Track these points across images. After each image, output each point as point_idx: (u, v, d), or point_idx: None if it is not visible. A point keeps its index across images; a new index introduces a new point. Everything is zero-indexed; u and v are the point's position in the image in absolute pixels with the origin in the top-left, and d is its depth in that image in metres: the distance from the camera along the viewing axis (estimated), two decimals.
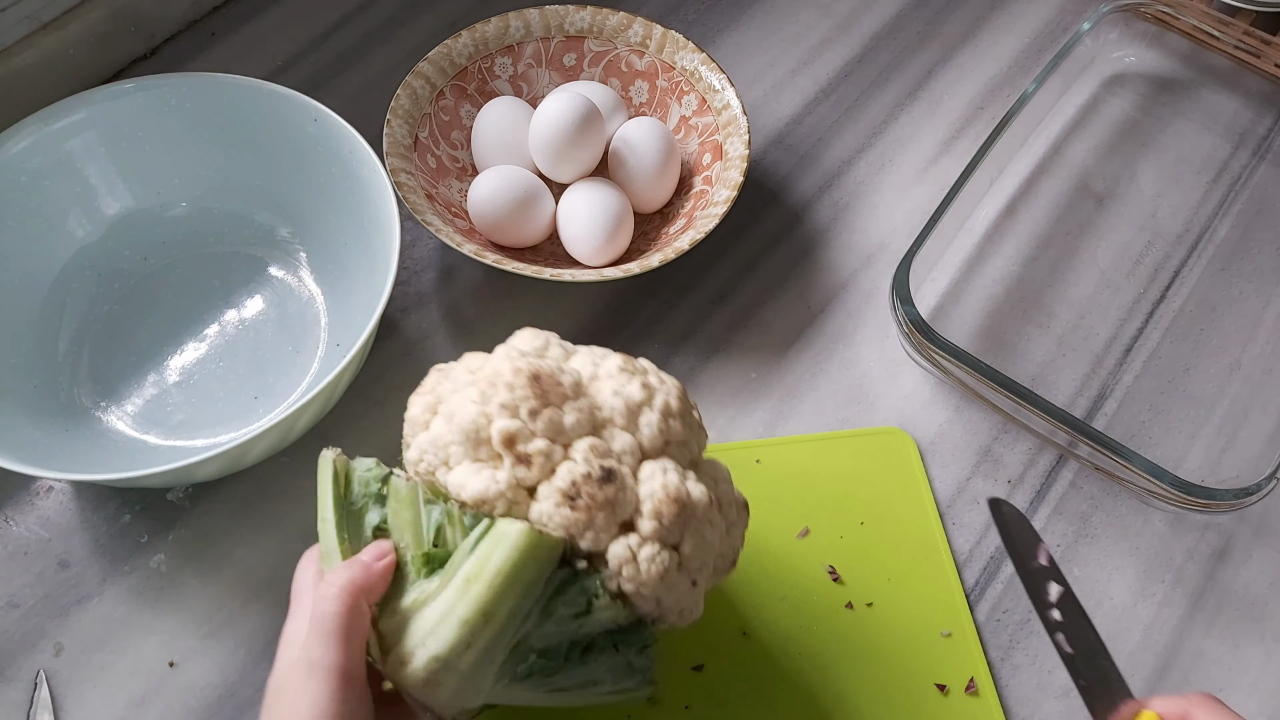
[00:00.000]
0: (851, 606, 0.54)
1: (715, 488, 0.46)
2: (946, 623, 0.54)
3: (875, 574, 0.55)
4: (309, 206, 0.62)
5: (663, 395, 0.44)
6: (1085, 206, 0.70)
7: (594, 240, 0.61)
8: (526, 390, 0.41)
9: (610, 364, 0.45)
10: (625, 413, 0.43)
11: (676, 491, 0.42)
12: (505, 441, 0.41)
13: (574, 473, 0.41)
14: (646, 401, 0.44)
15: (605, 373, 0.45)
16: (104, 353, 0.60)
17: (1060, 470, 0.60)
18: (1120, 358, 0.64)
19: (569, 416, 0.42)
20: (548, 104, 0.62)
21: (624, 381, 0.44)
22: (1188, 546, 0.58)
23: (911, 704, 0.52)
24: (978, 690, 0.53)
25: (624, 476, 0.42)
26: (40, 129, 0.58)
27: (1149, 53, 0.77)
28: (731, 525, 0.46)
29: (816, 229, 0.69)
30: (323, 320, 0.62)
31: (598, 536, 0.41)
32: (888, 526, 0.57)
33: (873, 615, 0.54)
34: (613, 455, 0.42)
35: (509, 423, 0.41)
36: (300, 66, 0.73)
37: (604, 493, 0.41)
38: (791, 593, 0.55)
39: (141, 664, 0.53)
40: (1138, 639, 0.55)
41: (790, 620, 0.54)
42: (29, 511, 0.56)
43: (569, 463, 0.42)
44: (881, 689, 0.52)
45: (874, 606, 0.54)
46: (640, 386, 0.44)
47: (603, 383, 0.44)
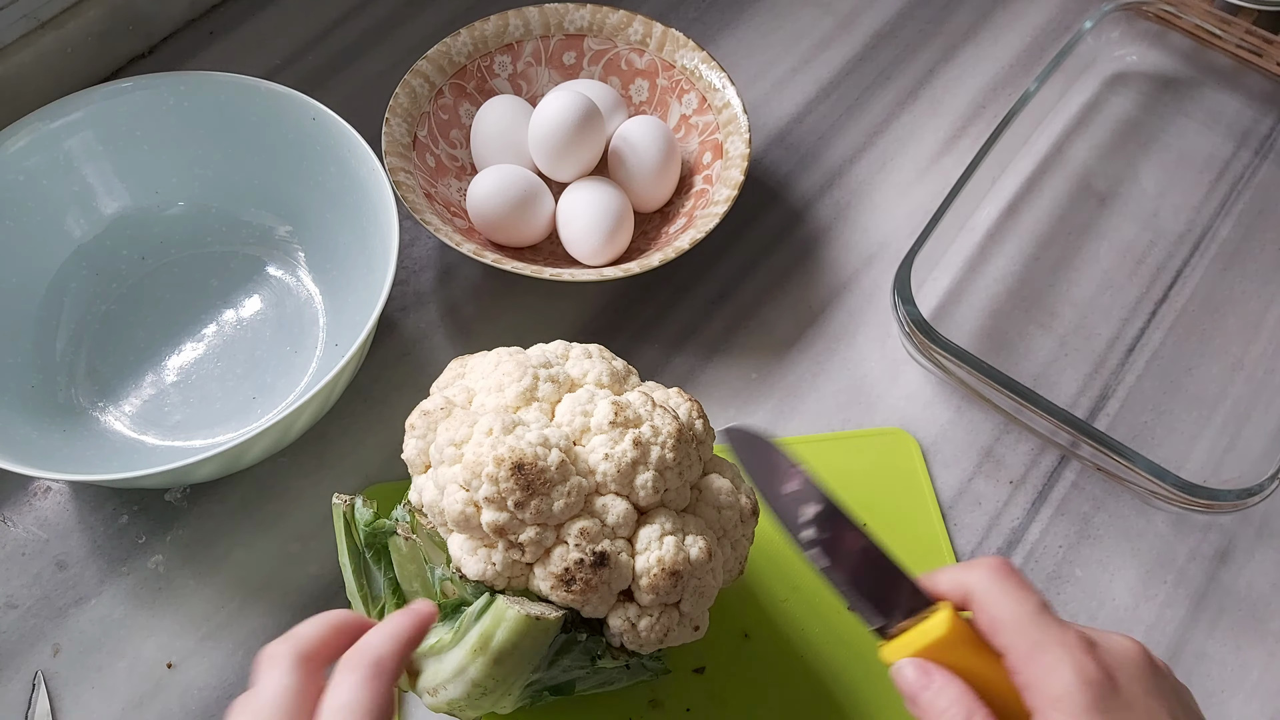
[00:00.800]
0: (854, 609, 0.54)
1: (719, 515, 0.45)
2: None
3: None
4: (307, 206, 0.62)
5: (657, 450, 0.43)
6: (1087, 206, 0.70)
7: (594, 239, 0.61)
8: (510, 483, 0.40)
9: (601, 415, 0.43)
10: (618, 477, 0.42)
11: (672, 564, 0.42)
12: (495, 532, 0.41)
13: (566, 559, 0.41)
14: (640, 461, 0.43)
15: (596, 425, 0.43)
16: (102, 353, 0.60)
17: (1062, 471, 0.60)
18: (1122, 358, 0.64)
19: (557, 502, 0.41)
20: (547, 103, 0.62)
21: (615, 441, 0.42)
22: (1190, 547, 0.58)
23: None
24: None
25: (617, 555, 0.42)
26: (38, 128, 0.58)
27: (1151, 52, 0.76)
28: (737, 542, 0.46)
29: (817, 228, 0.68)
30: (321, 320, 0.62)
31: (596, 609, 0.42)
32: (891, 528, 0.56)
33: None
34: (605, 532, 0.42)
35: (497, 516, 0.41)
36: (299, 65, 0.73)
37: (598, 576, 0.41)
38: (794, 594, 0.54)
39: (140, 665, 0.52)
40: (1140, 639, 0.55)
41: (792, 622, 0.54)
42: (27, 512, 0.56)
43: (561, 547, 0.41)
44: (883, 690, 0.52)
45: None
46: (632, 445, 0.42)
47: (594, 439, 0.43)
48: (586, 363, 0.46)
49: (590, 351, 0.47)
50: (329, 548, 0.56)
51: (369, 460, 0.58)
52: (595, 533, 0.41)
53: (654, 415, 0.44)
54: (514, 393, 0.44)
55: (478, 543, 0.42)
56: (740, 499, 0.46)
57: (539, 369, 0.45)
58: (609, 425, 0.43)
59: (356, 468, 0.58)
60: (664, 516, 0.43)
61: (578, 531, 0.41)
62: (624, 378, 0.47)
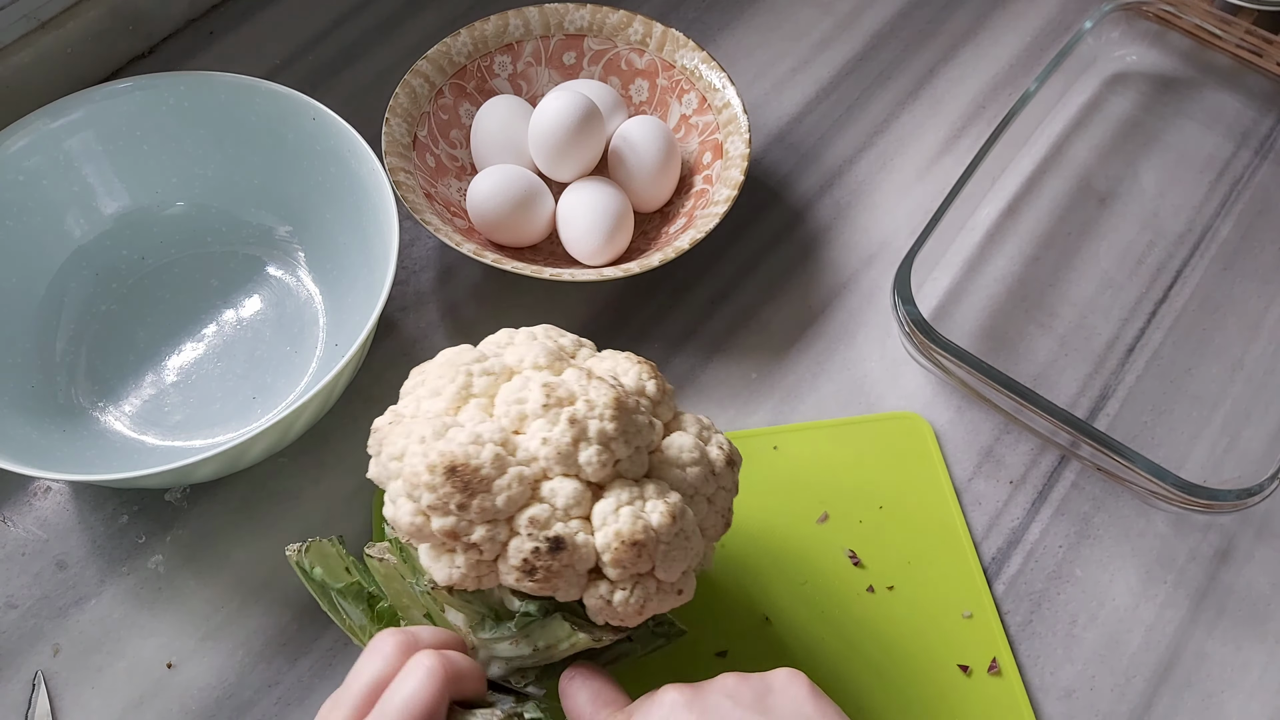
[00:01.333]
0: (872, 590, 0.55)
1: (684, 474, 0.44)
2: (967, 604, 0.55)
3: (895, 557, 0.55)
4: (307, 206, 0.62)
5: (595, 423, 0.42)
6: (1087, 206, 0.70)
7: (594, 239, 0.61)
8: (447, 487, 0.40)
9: (533, 399, 0.42)
10: (560, 459, 0.41)
11: (632, 534, 0.41)
12: (448, 536, 0.41)
13: (522, 550, 0.40)
14: (580, 438, 0.41)
15: (531, 410, 0.42)
16: (102, 353, 0.60)
17: (1062, 471, 0.60)
18: (1122, 358, 0.64)
19: (499, 497, 0.40)
20: (547, 102, 0.62)
21: (551, 423, 0.42)
22: (1190, 547, 0.58)
23: (935, 685, 0.52)
24: (1000, 670, 0.53)
25: (573, 537, 0.41)
26: (38, 128, 0.58)
27: (1151, 52, 0.76)
28: (714, 495, 0.45)
29: (817, 228, 0.68)
30: (321, 320, 0.62)
31: (568, 592, 0.42)
32: (906, 510, 0.57)
33: (894, 598, 0.54)
34: (558, 515, 0.41)
35: (444, 521, 0.40)
36: (299, 65, 0.73)
37: (558, 560, 0.40)
38: (812, 578, 0.55)
39: (140, 665, 0.52)
40: (1140, 640, 0.55)
41: (812, 605, 0.54)
42: (26, 512, 0.56)
43: (516, 539, 0.41)
44: (904, 671, 0.53)
45: (895, 590, 0.55)
46: (568, 424, 0.41)
47: (531, 425, 0.42)
48: (525, 348, 0.45)
49: (535, 334, 0.46)
50: None
51: (368, 460, 0.58)
52: (545, 519, 0.41)
53: (589, 389, 0.42)
54: (449, 394, 0.43)
55: (439, 549, 0.42)
56: (710, 451, 0.45)
57: (472, 364, 0.44)
58: (542, 409, 0.42)
59: (356, 468, 0.58)
60: (619, 488, 0.42)
61: (527, 521, 0.40)
62: (570, 354, 0.46)
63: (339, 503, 0.57)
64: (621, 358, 0.46)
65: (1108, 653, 0.55)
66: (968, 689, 0.52)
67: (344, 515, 0.57)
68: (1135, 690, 0.54)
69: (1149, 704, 0.53)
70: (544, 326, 0.47)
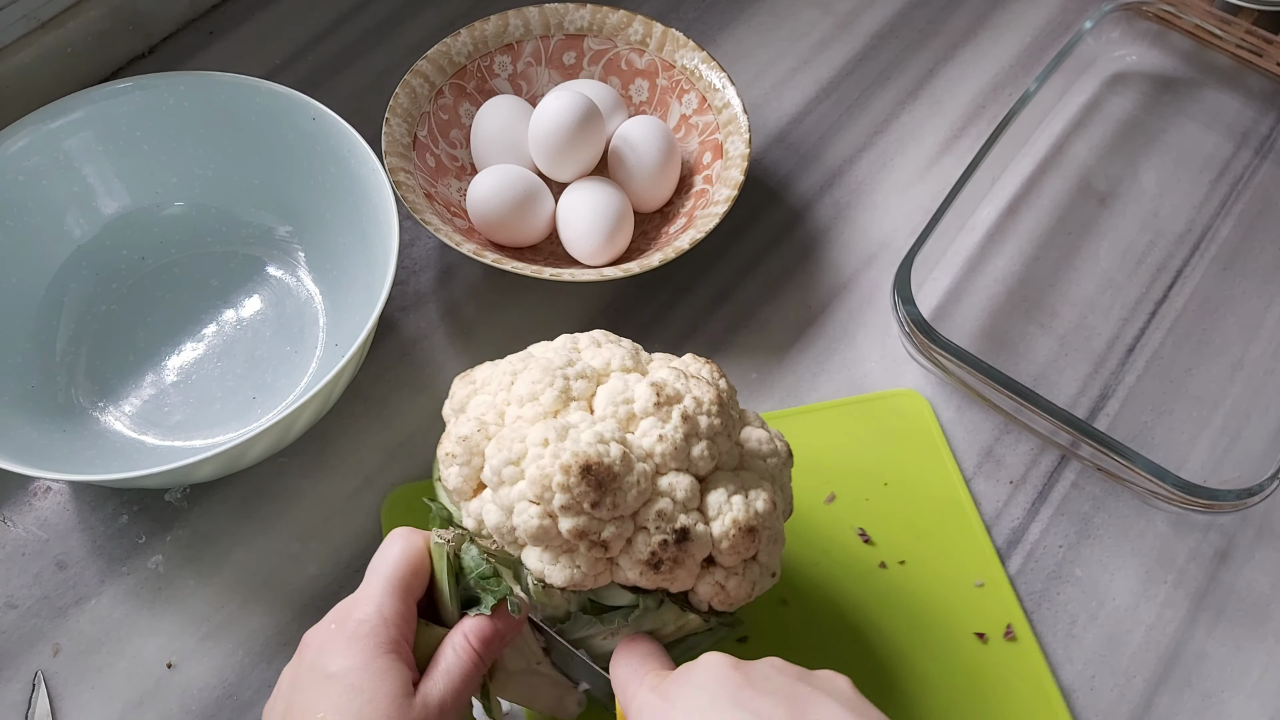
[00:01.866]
0: (885, 566, 0.55)
1: (766, 464, 0.46)
2: (978, 573, 0.55)
3: (904, 532, 0.56)
4: (307, 206, 0.62)
5: (705, 419, 0.44)
6: (1087, 206, 0.70)
7: (594, 240, 0.61)
8: (582, 486, 0.41)
9: (643, 399, 0.44)
10: (675, 455, 0.43)
11: (747, 521, 0.43)
12: (577, 536, 0.42)
13: (651, 544, 0.42)
14: (692, 434, 0.43)
15: (641, 410, 0.44)
16: (102, 353, 0.60)
17: (1062, 471, 0.60)
18: (1122, 358, 0.64)
19: (630, 494, 0.42)
20: (547, 102, 0.62)
21: (664, 419, 0.43)
22: (1190, 547, 0.58)
23: (953, 655, 0.53)
24: (1016, 636, 0.54)
25: (695, 527, 0.43)
26: (38, 128, 0.58)
27: (1151, 52, 0.76)
28: (784, 485, 0.47)
29: (817, 228, 0.68)
30: (321, 320, 0.62)
31: (684, 583, 0.43)
32: (911, 485, 0.58)
33: (906, 573, 0.55)
34: (678, 507, 0.43)
35: (576, 521, 0.41)
36: (299, 65, 0.73)
37: (683, 551, 0.42)
38: (825, 558, 0.55)
39: (140, 665, 0.52)
40: (1140, 640, 0.55)
41: (827, 585, 0.55)
42: (27, 512, 0.56)
43: (642, 533, 0.42)
44: (923, 643, 0.53)
45: (906, 564, 0.55)
46: (681, 420, 0.43)
47: (642, 424, 0.43)
48: (603, 350, 0.47)
49: (597, 340, 0.48)
50: (329, 548, 0.56)
51: (369, 460, 0.58)
52: (671, 512, 0.42)
53: (691, 387, 0.45)
54: (550, 398, 0.44)
55: (556, 551, 0.42)
56: (776, 444, 0.47)
57: (566, 368, 0.45)
58: (654, 407, 0.44)
59: (356, 468, 0.58)
60: (724, 479, 0.44)
61: (655, 515, 0.42)
62: (638, 356, 0.48)
63: (339, 503, 0.57)
64: (688, 358, 0.48)
65: (1108, 653, 0.55)
66: (986, 657, 0.53)
67: (344, 515, 0.57)
68: (1135, 690, 0.54)
69: (1149, 704, 0.53)
70: (600, 333, 0.49)
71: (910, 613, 0.54)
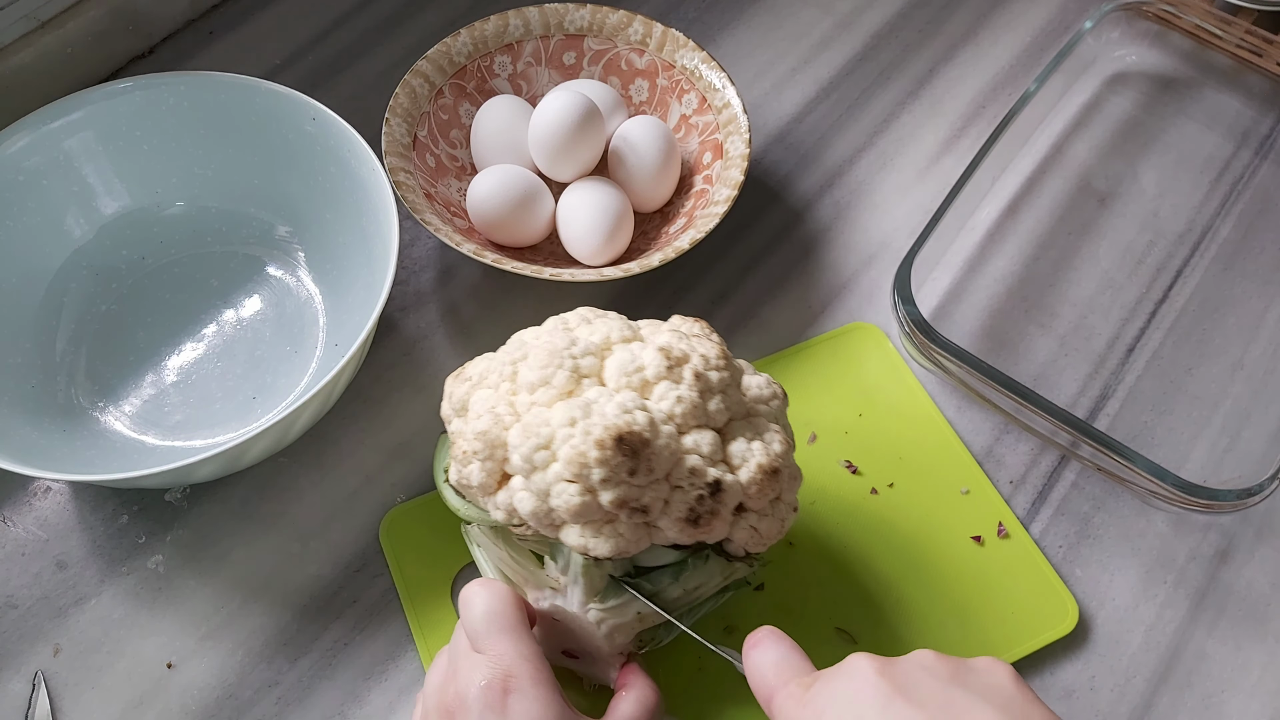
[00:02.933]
0: (875, 492, 0.58)
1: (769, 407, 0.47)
2: (962, 481, 0.58)
3: (886, 456, 0.59)
4: (307, 206, 0.62)
5: (715, 374, 0.45)
6: (1087, 206, 0.70)
7: (594, 240, 0.61)
8: (620, 457, 0.42)
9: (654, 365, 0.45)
10: (695, 412, 0.44)
11: (770, 463, 0.45)
12: (618, 506, 0.43)
13: (688, 500, 0.43)
14: (706, 390, 0.45)
15: (654, 375, 0.45)
16: (102, 353, 0.60)
17: (1062, 471, 0.60)
18: (1122, 358, 0.64)
19: (662, 457, 0.43)
20: (547, 102, 0.62)
21: (677, 381, 0.44)
22: (1190, 547, 0.58)
23: (956, 561, 0.56)
24: (1008, 533, 0.57)
25: (724, 478, 0.44)
26: (38, 128, 0.58)
27: (1151, 52, 0.76)
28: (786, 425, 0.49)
29: (817, 228, 0.68)
30: (321, 320, 0.62)
31: (719, 533, 0.45)
32: (882, 411, 0.60)
33: (896, 494, 0.58)
34: (706, 461, 0.44)
35: (616, 491, 0.42)
36: (298, 65, 0.73)
37: (719, 503, 0.43)
38: (819, 495, 0.57)
39: (140, 665, 0.52)
40: (1140, 640, 0.55)
41: (826, 521, 0.57)
42: (26, 512, 0.56)
43: (678, 492, 0.43)
44: (925, 556, 0.56)
45: (895, 486, 0.58)
46: (694, 379, 0.44)
47: (657, 389, 0.44)
48: (596, 325, 0.47)
49: (586, 316, 0.48)
50: (329, 547, 0.56)
51: (369, 460, 0.58)
52: (701, 468, 0.43)
53: (695, 346, 0.46)
54: (563, 379, 0.45)
55: (598, 525, 0.43)
56: (774, 388, 0.49)
57: (569, 349, 0.46)
58: (666, 371, 0.44)
59: (356, 468, 0.58)
60: (740, 428, 0.46)
61: (688, 473, 0.43)
62: (631, 326, 0.48)
63: (339, 503, 0.57)
64: (676, 319, 0.49)
65: (1108, 653, 0.55)
66: (985, 557, 0.56)
67: (344, 515, 0.57)
68: (1135, 690, 0.54)
69: (1149, 704, 0.53)
70: (588, 310, 0.49)
71: (907, 530, 0.57)
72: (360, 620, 0.54)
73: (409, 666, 0.53)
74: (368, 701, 0.52)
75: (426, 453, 0.58)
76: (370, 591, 0.54)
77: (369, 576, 0.55)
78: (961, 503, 0.58)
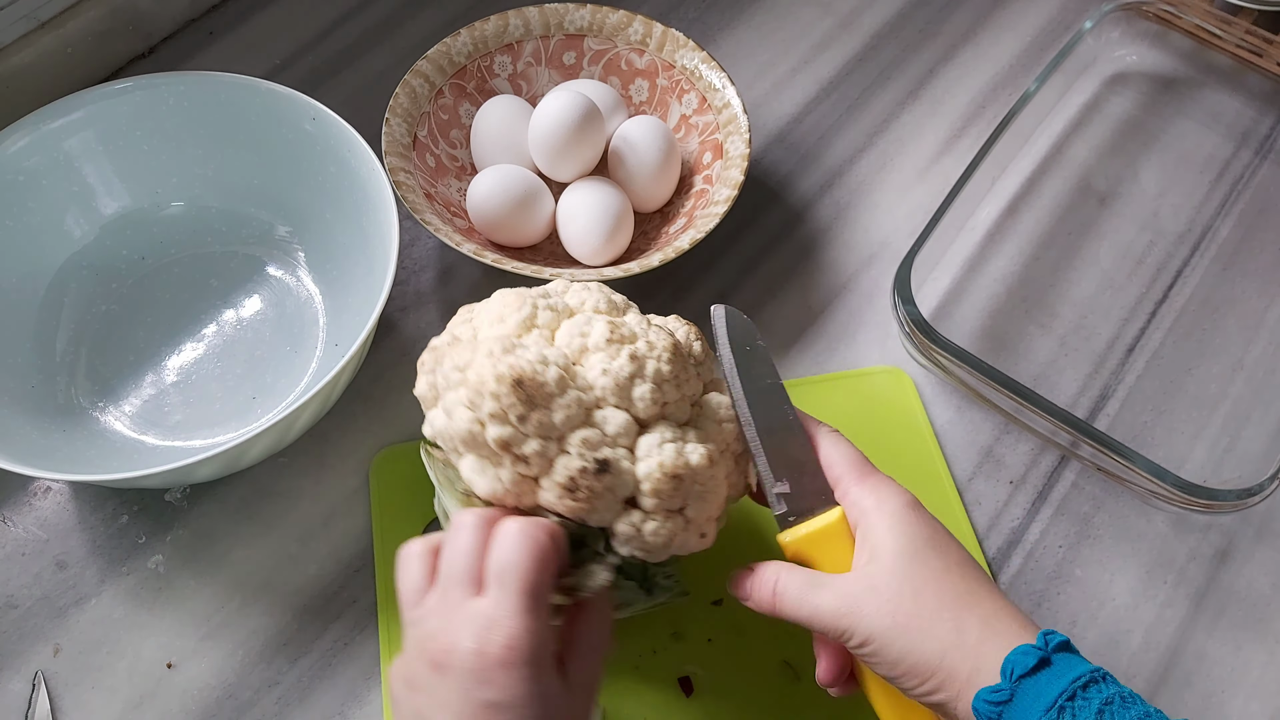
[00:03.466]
0: None
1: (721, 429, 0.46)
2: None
3: None
4: (307, 206, 0.62)
5: (653, 363, 0.44)
6: (1087, 206, 0.70)
7: (594, 240, 0.61)
8: (512, 397, 0.42)
9: (598, 334, 0.45)
10: (616, 390, 0.44)
11: (673, 468, 0.43)
12: (501, 446, 0.42)
13: (570, 468, 0.42)
14: (637, 374, 0.44)
15: (594, 344, 0.45)
16: (102, 353, 0.60)
17: (1062, 471, 0.60)
18: (1122, 358, 0.64)
19: (558, 414, 0.42)
20: (547, 102, 0.62)
21: (612, 356, 0.44)
22: (1190, 547, 0.58)
23: None
24: None
25: (619, 462, 0.43)
26: (38, 128, 0.58)
27: (1151, 52, 0.76)
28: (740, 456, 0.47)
29: (817, 228, 0.68)
30: (321, 320, 0.62)
31: (602, 517, 0.43)
32: (889, 457, 0.57)
33: None
34: (606, 441, 0.43)
35: (501, 430, 0.42)
36: (298, 65, 0.73)
37: (601, 482, 0.42)
38: None
39: (140, 665, 0.52)
40: (1140, 640, 0.55)
41: None
42: (27, 512, 0.56)
43: (565, 456, 0.43)
44: None
45: None
46: (629, 360, 0.44)
47: (592, 357, 0.44)
48: (584, 293, 0.48)
49: (589, 286, 0.49)
50: (329, 547, 0.56)
51: (369, 460, 0.58)
52: (596, 441, 0.43)
53: (649, 332, 0.45)
54: (515, 321, 0.45)
55: (485, 462, 0.43)
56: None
57: (538, 299, 0.46)
58: (605, 343, 0.44)
59: (356, 468, 0.58)
60: (664, 426, 0.44)
61: (579, 441, 0.43)
62: (623, 309, 0.48)
63: (339, 503, 0.57)
64: (671, 319, 0.49)
65: (1108, 653, 0.55)
66: None
67: (344, 515, 0.57)
68: (1135, 689, 0.54)
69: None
70: (597, 284, 0.49)
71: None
72: (360, 620, 0.54)
73: None
74: (368, 701, 0.52)
75: None
76: (370, 592, 0.54)
77: (369, 576, 0.55)
78: None
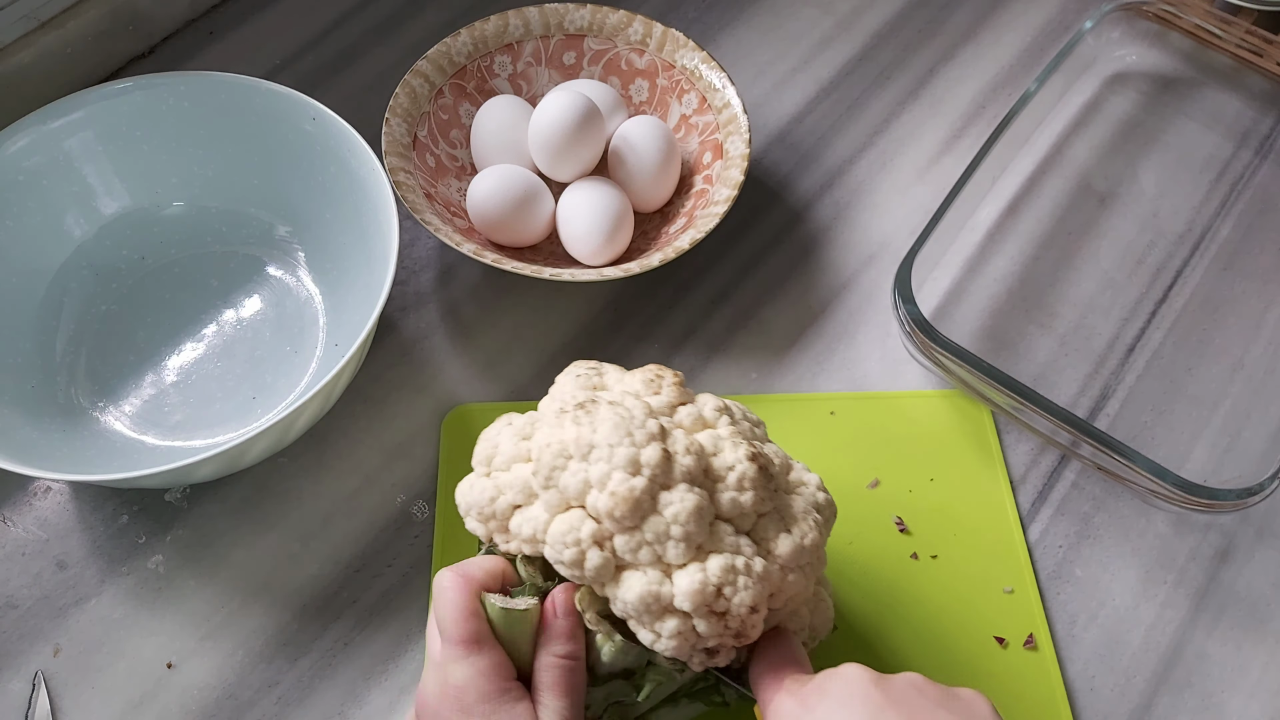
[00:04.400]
0: (916, 557, 0.56)
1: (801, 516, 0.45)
2: (1009, 579, 0.56)
3: (942, 528, 0.57)
4: (307, 206, 0.62)
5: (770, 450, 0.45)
6: (1087, 206, 0.70)
7: (594, 239, 0.61)
8: (630, 519, 0.41)
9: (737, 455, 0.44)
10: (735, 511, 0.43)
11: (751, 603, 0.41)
12: (595, 540, 0.42)
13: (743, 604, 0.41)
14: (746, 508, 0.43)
15: (740, 477, 0.43)
16: (102, 353, 0.60)
17: (1063, 470, 0.60)
18: (1123, 358, 0.64)
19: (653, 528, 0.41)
20: (547, 102, 0.62)
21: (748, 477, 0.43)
22: (1190, 547, 0.58)
23: (968, 653, 0.54)
24: (1036, 646, 0.54)
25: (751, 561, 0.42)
26: (38, 128, 0.58)
27: (1151, 52, 0.76)
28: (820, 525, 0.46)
29: (818, 228, 0.68)
30: (321, 320, 0.62)
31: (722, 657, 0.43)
32: (956, 484, 0.58)
33: (936, 566, 0.56)
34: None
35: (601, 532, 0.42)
36: (298, 65, 0.73)
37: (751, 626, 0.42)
38: (859, 539, 0.56)
39: (140, 665, 0.52)
40: (1140, 640, 0.55)
41: (856, 564, 0.56)
42: (27, 512, 0.56)
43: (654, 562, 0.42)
44: (939, 637, 0.54)
45: (938, 559, 0.56)
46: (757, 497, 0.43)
47: (735, 493, 0.43)
48: (627, 380, 0.47)
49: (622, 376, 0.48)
50: (329, 547, 0.56)
51: (369, 460, 0.58)
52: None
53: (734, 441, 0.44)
54: (653, 459, 0.42)
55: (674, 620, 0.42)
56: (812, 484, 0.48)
57: (646, 419, 0.43)
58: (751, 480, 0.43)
59: (356, 468, 0.58)
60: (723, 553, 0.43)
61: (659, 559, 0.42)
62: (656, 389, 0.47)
63: (339, 503, 0.57)
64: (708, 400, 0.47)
65: (1108, 653, 0.55)
66: (1002, 660, 0.53)
67: (344, 515, 0.57)
68: (1135, 690, 0.54)
69: (1149, 704, 0.53)
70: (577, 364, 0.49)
71: (933, 606, 0.55)
72: (360, 620, 0.54)
73: (409, 666, 0.53)
74: (368, 701, 0.52)
75: (426, 453, 0.58)
76: (370, 592, 0.54)
77: (369, 576, 0.55)
78: (1000, 600, 0.55)
